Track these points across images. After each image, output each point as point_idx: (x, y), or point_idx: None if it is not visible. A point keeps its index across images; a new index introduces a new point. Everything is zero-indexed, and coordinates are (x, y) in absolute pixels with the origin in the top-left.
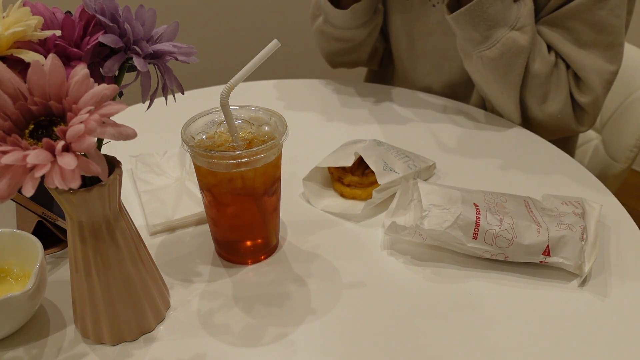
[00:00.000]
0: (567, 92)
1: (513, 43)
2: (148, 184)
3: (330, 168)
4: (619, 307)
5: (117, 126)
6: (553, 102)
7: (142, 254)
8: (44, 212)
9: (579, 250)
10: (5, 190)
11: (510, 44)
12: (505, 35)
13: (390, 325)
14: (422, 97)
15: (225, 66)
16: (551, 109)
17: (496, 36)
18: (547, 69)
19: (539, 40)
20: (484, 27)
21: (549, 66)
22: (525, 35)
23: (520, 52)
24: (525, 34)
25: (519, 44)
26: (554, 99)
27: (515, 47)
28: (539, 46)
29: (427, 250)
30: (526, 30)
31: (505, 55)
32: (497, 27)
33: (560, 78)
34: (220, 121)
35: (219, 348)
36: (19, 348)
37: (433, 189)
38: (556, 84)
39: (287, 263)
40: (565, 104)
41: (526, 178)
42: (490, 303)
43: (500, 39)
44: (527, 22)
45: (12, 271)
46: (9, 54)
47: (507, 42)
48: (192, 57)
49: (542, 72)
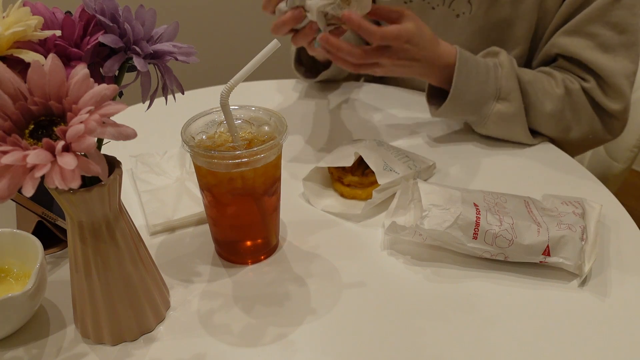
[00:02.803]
0: (590, 111)
1: (503, 114)
2: (148, 184)
3: (330, 168)
4: (619, 307)
5: (117, 126)
6: (578, 128)
7: (142, 254)
8: (44, 212)
9: (579, 250)
10: (5, 190)
11: (500, 115)
12: (493, 110)
13: (390, 325)
14: (423, 97)
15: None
16: (578, 134)
17: (484, 112)
18: (560, 103)
19: (539, 80)
20: (470, 110)
21: (560, 100)
22: (512, 103)
23: (514, 117)
24: (512, 101)
25: (509, 113)
26: (578, 125)
27: (507, 116)
28: (541, 89)
29: (427, 250)
30: (512, 97)
31: (502, 123)
32: (482, 105)
33: (577, 103)
34: (220, 121)
35: (219, 348)
36: (19, 348)
37: (433, 189)
38: (574, 110)
39: (287, 263)
40: (592, 123)
41: (526, 178)
42: (490, 303)
43: (489, 114)
44: (510, 88)
45: (12, 271)
46: (9, 54)
47: (497, 114)
48: (192, 57)
49: (556, 109)
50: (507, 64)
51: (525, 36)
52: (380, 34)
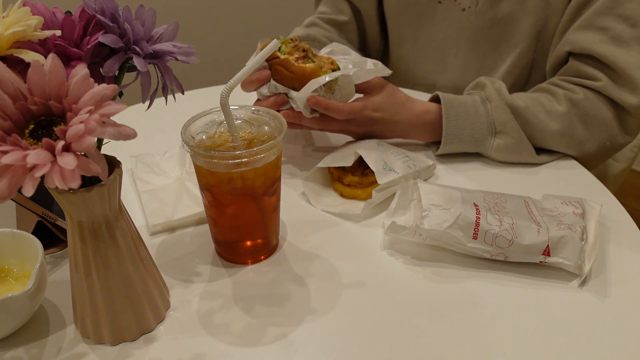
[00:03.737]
0: (602, 117)
1: (503, 147)
2: (148, 184)
3: (330, 168)
4: (619, 307)
5: (117, 126)
6: (593, 138)
7: (142, 254)
8: (44, 212)
9: (579, 250)
10: (5, 190)
11: (501, 148)
12: (493, 145)
13: (390, 325)
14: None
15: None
16: (595, 145)
17: (484, 147)
18: (566, 120)
19: (537, 102)
20: (472, 144)
21: (566, 117)
22: (509, 134)
23: (515, 146)
24: (509, 132)
25: (508, 145)
26: (591, 136)
27: (508, 148)
28: (542, 110)
29: (427, 250)
30: (508, 128)
31: (506, 154)
32: (480, 142)
33: (586, 114)
34: (220, 121)
35: (219, 348)
36: (19, 348)
37: (433, 189)
38: (584, 121)
39: (287, 263)
40: (607, 129)
41: (526, 178)
42: (490, 303)
43: (491, 147)
44: (503, 120)
45: (12, 271)
46: (9, 54)
47: (498, 148)
48: (192, 57)
49: (564, 126)
50: (494, 96)
51: (530, 33)
52: (348, 110)
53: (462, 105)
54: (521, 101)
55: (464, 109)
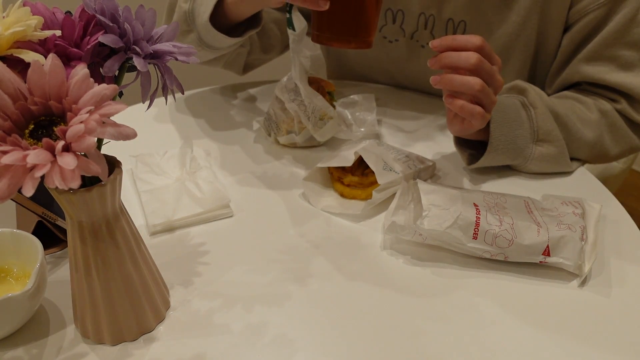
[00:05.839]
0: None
1: (545, 155)
2: (148, 184)
3: (330, 168)
4: (619, 307)
5: (117, 126)
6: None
7: (142, 254)
8: (44, 212)
9: (578, 250)
10: (5, 190)
11: (542, 157)
12: (534, 154)
13: (390, 325)
14: (423, 97)
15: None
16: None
17: (524, 156)
18: (598, 128)
19: (573, 110)
20: (510, 158)
21: (598, 125)
22: (553, 143)
23: (557, 156)
24: (552, 141)
25: (551, 154)
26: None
27: (550, 157)
28: (578, 118)
29: (427, 250)
30: (552, 137)
31: (546, 164)
32: (521, 150)
33: (614, 124)
34: None
35: (219, 348)
36: (19, 348)
37: (433, 189)
38: (612, 132)
39: (287, 263)
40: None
41: (526, 178)
42: (490, 303)
43: (530, 156)
44: (548, 129)
45: (12, 271)
46: (9, 54)
47: (539, 157)
48: (192, 57)
49: (596, 135)
50: (538, 102)
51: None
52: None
53: (504, 108)
54: (560, 108)
55: (507, 112)
